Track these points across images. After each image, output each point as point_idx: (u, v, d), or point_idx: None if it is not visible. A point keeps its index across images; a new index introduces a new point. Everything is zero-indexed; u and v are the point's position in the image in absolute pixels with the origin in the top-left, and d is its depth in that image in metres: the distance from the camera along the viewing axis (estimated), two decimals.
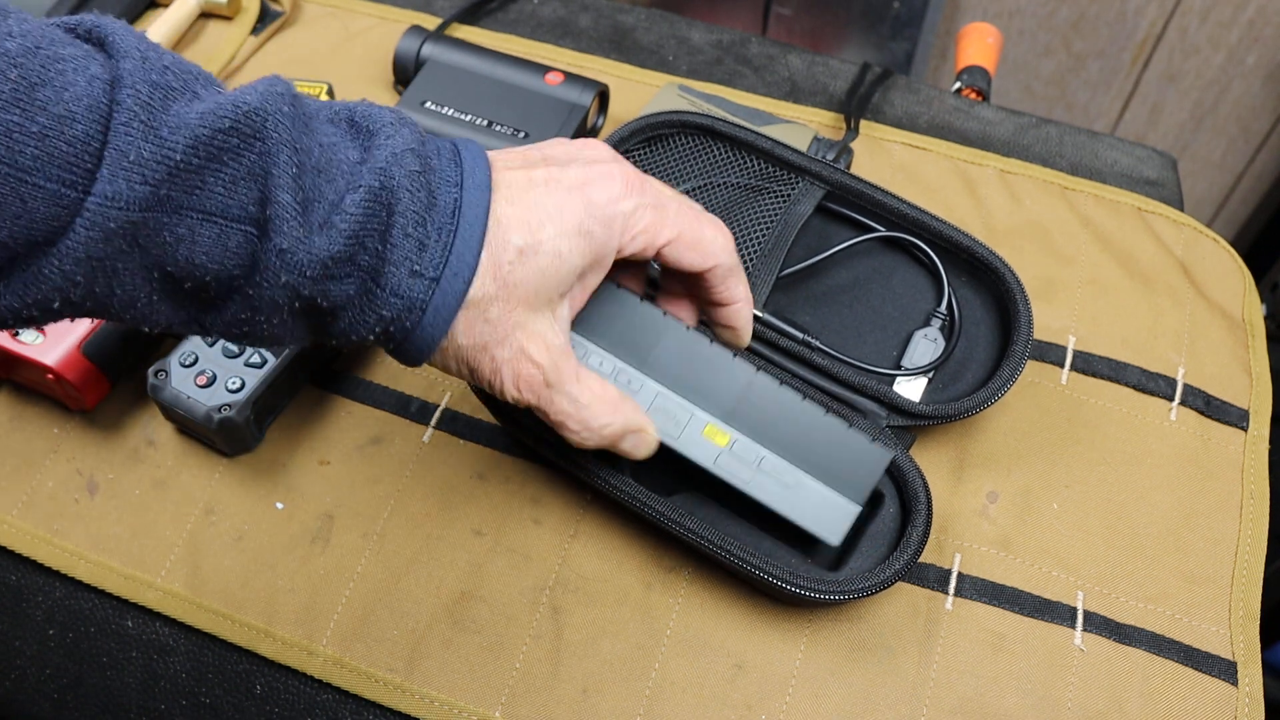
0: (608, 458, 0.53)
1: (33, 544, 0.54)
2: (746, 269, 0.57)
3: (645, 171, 0.62)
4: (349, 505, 0.54)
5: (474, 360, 0.40)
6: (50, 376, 0.54)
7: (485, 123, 0.66)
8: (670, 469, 0.53)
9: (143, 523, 0.54)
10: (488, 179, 0.38)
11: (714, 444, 0.47)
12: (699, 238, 0.43)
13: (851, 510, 0.47)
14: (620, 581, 0.52)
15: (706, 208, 0.60)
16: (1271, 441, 0.58)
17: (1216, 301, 0.63)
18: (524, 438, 0.51)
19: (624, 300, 0.47)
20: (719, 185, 0.61)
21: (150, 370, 0.54)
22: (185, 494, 0.55)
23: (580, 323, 0.46)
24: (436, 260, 0.37)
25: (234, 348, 0.54)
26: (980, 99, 0.80)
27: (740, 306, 0.46)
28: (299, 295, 0.35)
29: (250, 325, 0.37)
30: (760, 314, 0.56)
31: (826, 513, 0.47)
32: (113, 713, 0.51)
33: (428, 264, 0.36)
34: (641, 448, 0.45)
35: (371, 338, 0.38)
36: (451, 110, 0.66)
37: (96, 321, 0.55)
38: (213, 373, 0.53)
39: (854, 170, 0.68)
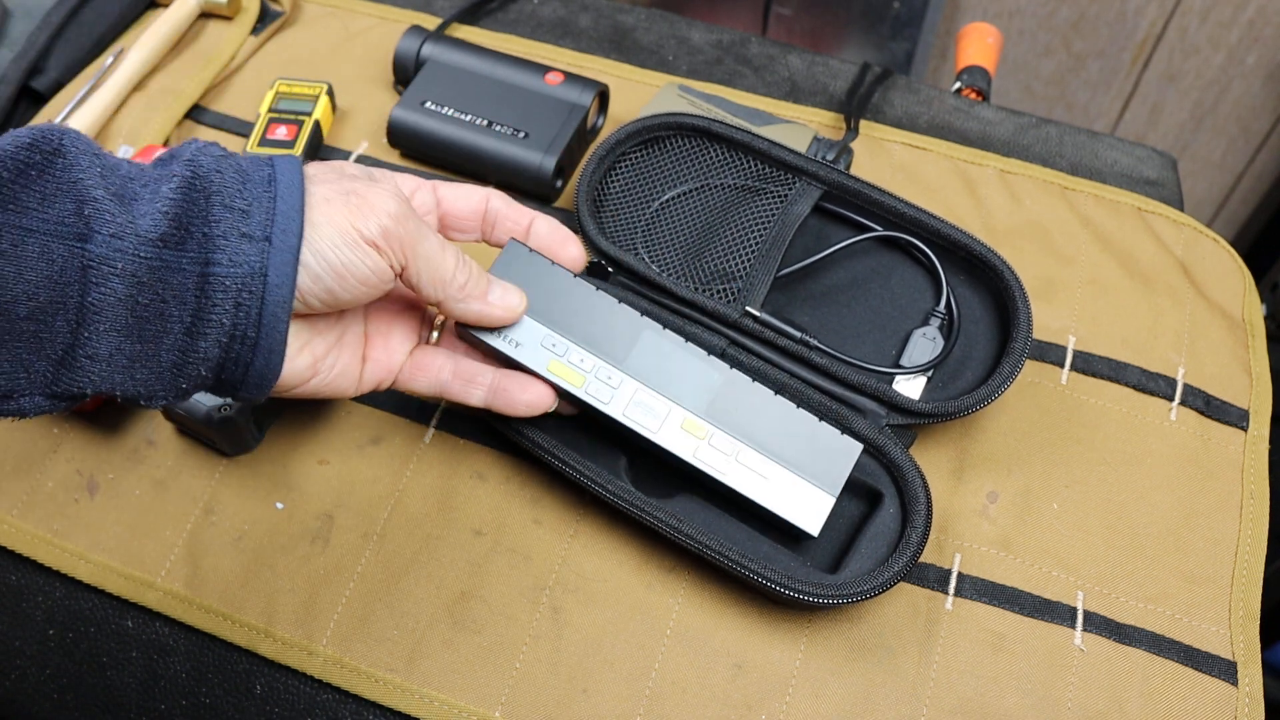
0: (606, 462, 0.53)
1: (33, 544, 0.54)
2: (745, 269, 0.57)
3: (642, 174, 0.62)
4: (349, 505, 0.54)
5: (331, 283, 0.40)
6: None
7: (485, 123, 0.66)
8: (664, 471, 0.53)
9: (143, 523, 0.54)
10: (295, 159, 0.40)
11: (693, 437, 0.49)
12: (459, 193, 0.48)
13: (827, 501, 0.48)
14: (620, 581, 0.52)
15: (704, 209, 0.61)
16: (1271, 441, 0.58)
17: (1216, 301, 0.63)
18: (522, 440, 0.52)
19: (601, 301, 0.49)
20: (716, 186, 0.61)
21: None
22: (185, 494, 0.55)
23: (559, 323, 0.49)
24: (263, 221, 0.37)
25: None
26: (980, 99, 0.80)
27: (538, 223, 0.50)
28: (140, 286, 0.35)
29: (108, 363, 0.36)
30: (759, 314, 0.56)
31: (804, 503, 0.48)
32: (113, 713, 0.51)
33: (255, 227, 0.37)
34: (511, 312, 0.47)
35: (229, 340, 0.38)
36: (451, 110, 0.66)
37: None
38: None
39: (854, 170, 0.68)
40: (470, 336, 0.49)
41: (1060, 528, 0.54)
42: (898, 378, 0.56)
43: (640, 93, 0.72)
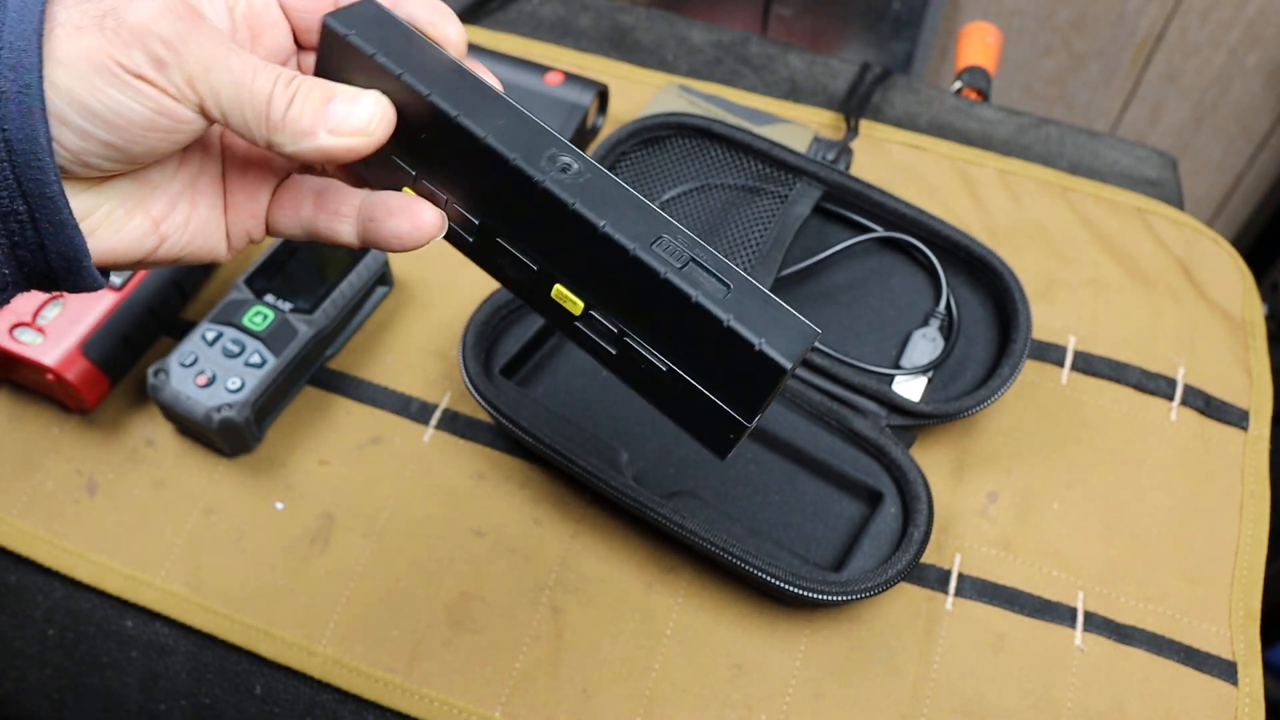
0: (608, 457, 0.53)
1: (33, 544, 0.54)
2: (745, 270, 0.57)
3: (642, 174, 0.62)
4: (349, 505, 0.54)
5: (105, 134, 0.30)
6: (50, 376, 0.54)
7: None
8: (669, 469, 0.53)
9: (142, 523, 0.54)
10: None
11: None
12: None
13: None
14: (620, 581, 0.52)
15: (705, 209, 0.60)
16: (1271, 441, 0.58)
17: (1217, 301, 0.63)
18: (523, 438, 0.52)
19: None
20: (716, 187, 0.61)
21: (150, 370, 0.54)
22: (185, 494, 0.55)
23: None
24: None
25: (234, 347, 0.54)
26: (980, 99, 0.80)
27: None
28: None
29: None
30: None
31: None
32: (113, 713, 0.51)
33: None
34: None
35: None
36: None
37: (97, 321, 0.55)
38: (213, 373, 0.53)
39: (854, 170, 0.68)
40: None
41: (1060, 528, 0.54)
42: (898, 378, 0.56)
43: (640, 93, 0.72)
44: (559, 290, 0.34)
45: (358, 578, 0.52)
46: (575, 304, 0.34)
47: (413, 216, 0.34)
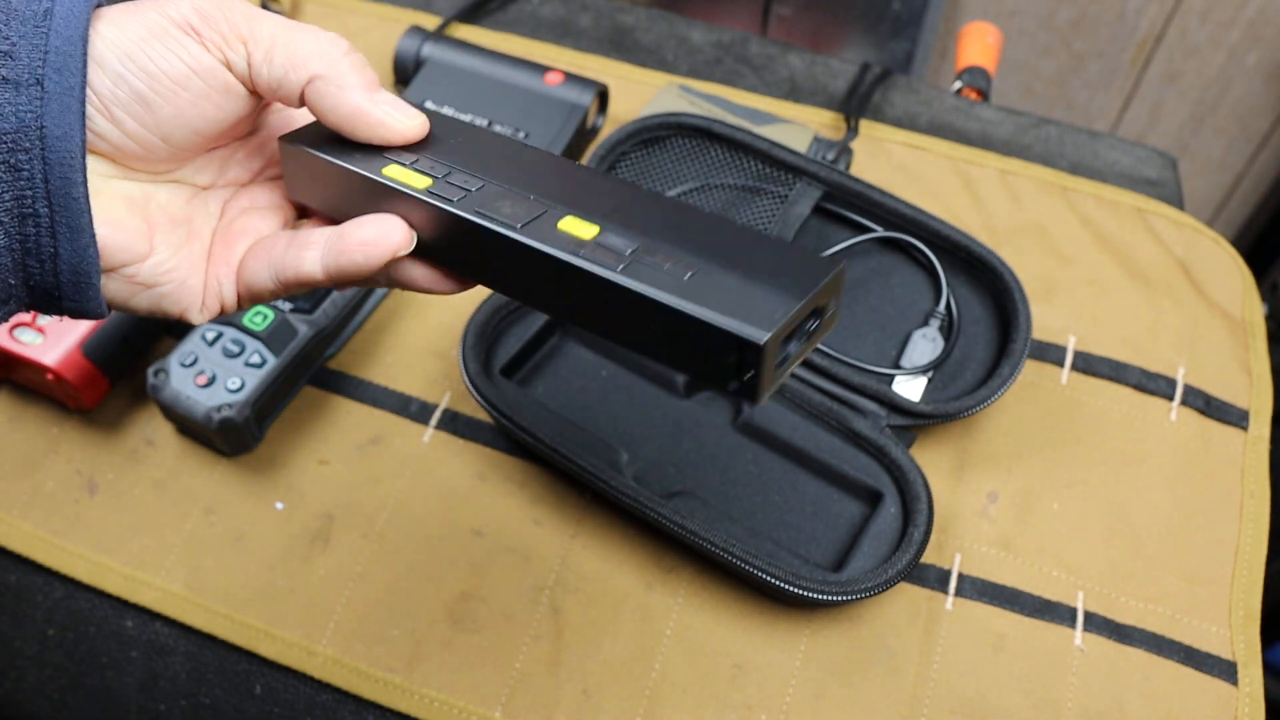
0: (608, 457, 0.53)
1: (33, 544, 0.54)
2: None
3: (642, 174, 0.62)
4: (349, 505, 0.54)
5: (140, 84, 0.31)
6: (50, 376, 0.54)
7: (485, 122, 0.66)
8: (669, 469, 0.53)
9: (143, 523, 0.54)
10: None
11: (573, 237, 0.32)
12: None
13: (789, 303, 0.29)
14: (620, 581, 0.52)
15: (704, 209, 0.60)
16: (1271, 441, 0.58)
17: (1217, 301, 0.63)
18: (523, 438, 0.52)
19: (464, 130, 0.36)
20: (716, 187, 0.61)
21: (150, 370, 0.54)
22: (185, 494, 0.55)
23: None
24: (32, 61, 0.29)
25: (234, 347, 0.54)
26: (980, 99, 0.80)
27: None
28: None
29: None
30: None
31: (749, 308, 0.29)
32: (113, 713, 0.51)
33: (21, 69, 0.29)
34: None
35: (18, 223, 0.30)
36: (451, 110, 0.66)
37: (97, 321, 0.55)
38: (213, 373, 0.53)
39: (854, 170, 0.68)
40: (298, 153, 0.35)
41: (1060, 528, 0.54)
42: (898, 378, 0.56)
43: (640, 93, 0.72)
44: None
45: (358, 578, 0.52)
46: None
47: (379, 223, 0.34)
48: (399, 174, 0.34)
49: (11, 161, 0.29)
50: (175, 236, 0.34)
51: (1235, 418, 0.58)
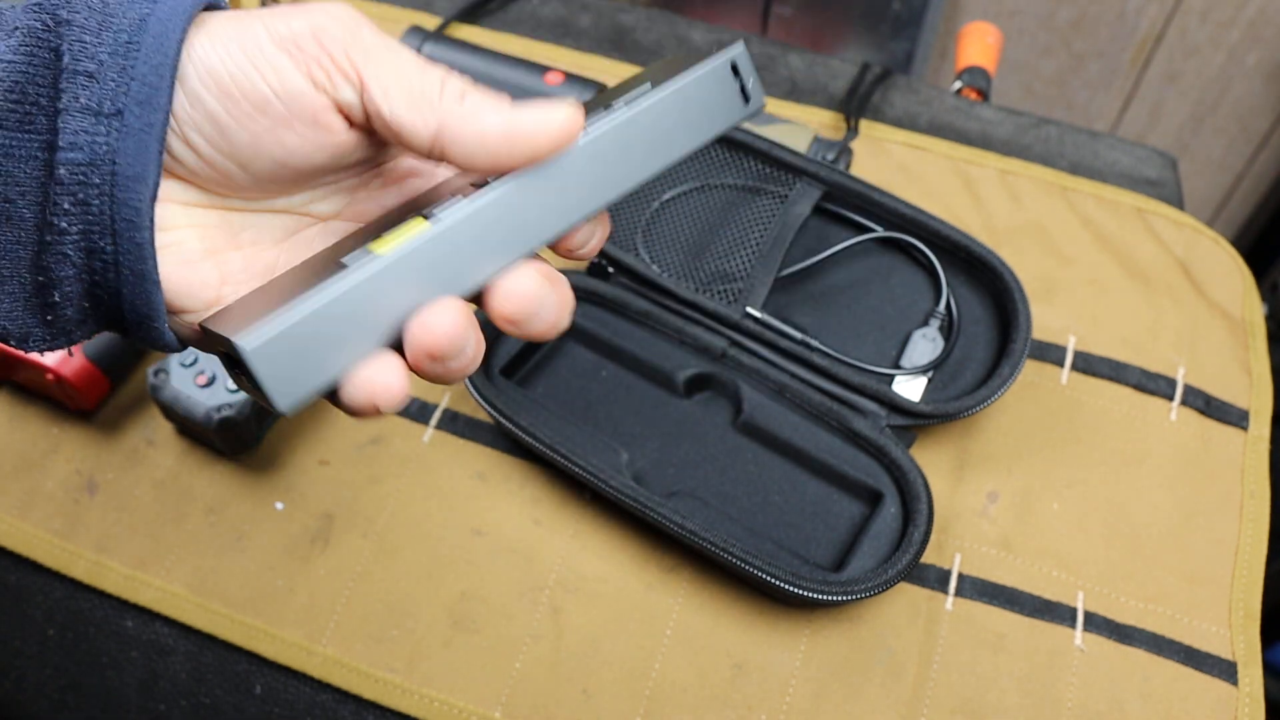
0: (608, 457, 0.53)
1: (33, 544, 0.54)
2: (745, 270, 0.57)
3: None
4: (349, 505, 0.54)
5: (214, 104, 0.28)
6: (50, 376, 0.54)
7: None
8: (669, 469, 0.53)
9: (143, 523, 0.54)
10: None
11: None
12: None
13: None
14: (620, 581, 0.52)
15: (705, 209, 0.60)
16: (1271, 441, 0.58)
17: (1217, 301, 0.63)
18: (523, 438, 0.52)
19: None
20: (716, 187, 0.61)
21: (150, 370, 0.54)
22: (185, 494, 0.55)
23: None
24: (115, 88, 0.27)
25: None
26: (980, 99, 0.80)
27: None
28: None
29: None
30: (759, 314, 0.56)
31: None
32: (113, 713, 0.51)
33: (102, 97, 0.27)
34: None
35: (86, 257, 0.28)
36: None
37: None
38: (213, 373, 0.53)
39: (854, 170, 0.68)
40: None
41: (1060, 528, 0.54)
42: (898, 378, 0.56)
43: None
44: None
45: (358, 578, 0.52)
46: None
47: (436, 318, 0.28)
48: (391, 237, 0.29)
49: (80, 196, 0.27)
50: (253, 285, 0.30)
51: (1235, 418, 0.58)
